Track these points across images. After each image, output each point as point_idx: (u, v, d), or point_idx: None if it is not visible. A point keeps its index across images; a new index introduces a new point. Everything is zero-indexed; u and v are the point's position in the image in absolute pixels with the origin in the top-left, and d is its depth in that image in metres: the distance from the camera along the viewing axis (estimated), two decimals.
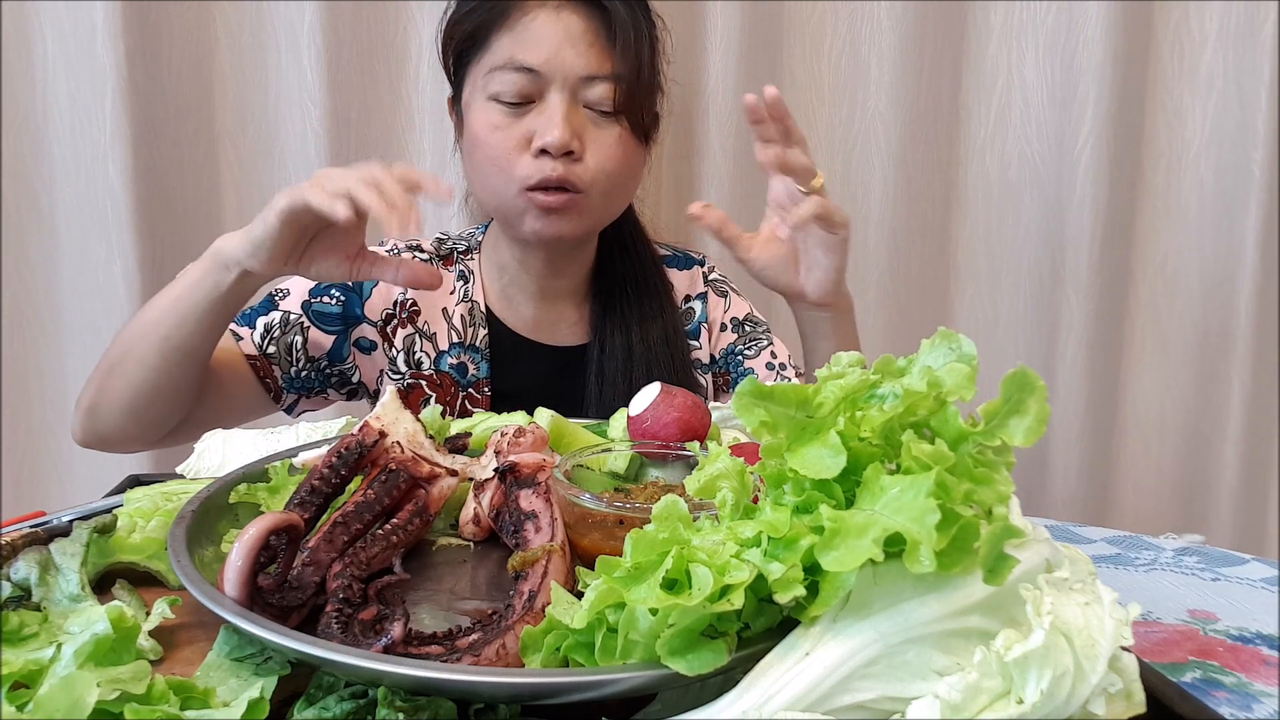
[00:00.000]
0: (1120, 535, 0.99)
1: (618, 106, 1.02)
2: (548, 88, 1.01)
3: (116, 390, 0.94)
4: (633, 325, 1.14)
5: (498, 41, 1.02)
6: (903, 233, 1.61)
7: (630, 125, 1.04)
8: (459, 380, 1.13)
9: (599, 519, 0.59)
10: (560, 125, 0.99)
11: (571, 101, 1.01)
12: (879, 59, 1.56)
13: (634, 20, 1.02)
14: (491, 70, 1.02)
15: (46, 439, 1.46)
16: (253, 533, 0.51)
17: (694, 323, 1.21)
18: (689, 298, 1.22)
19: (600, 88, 1.01)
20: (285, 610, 0.51)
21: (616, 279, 1.16)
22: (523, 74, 1.00)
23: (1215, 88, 1.60)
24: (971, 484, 0.42)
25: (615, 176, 1.05)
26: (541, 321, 1.17)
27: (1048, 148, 1.60)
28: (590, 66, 1.01)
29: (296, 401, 1.11)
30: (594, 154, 1.02)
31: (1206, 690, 0.67)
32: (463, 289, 1.15)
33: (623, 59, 1.01)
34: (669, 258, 1.24)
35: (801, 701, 0.40)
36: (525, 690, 0.43)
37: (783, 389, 0.46)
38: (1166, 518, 1.71)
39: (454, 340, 1.13)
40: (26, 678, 0.46)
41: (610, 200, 1.08)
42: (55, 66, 1.36)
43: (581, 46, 1.01)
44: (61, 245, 1.41)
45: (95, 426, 0.98)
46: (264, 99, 1.45)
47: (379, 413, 0.66)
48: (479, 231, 1.20)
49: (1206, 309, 1.65)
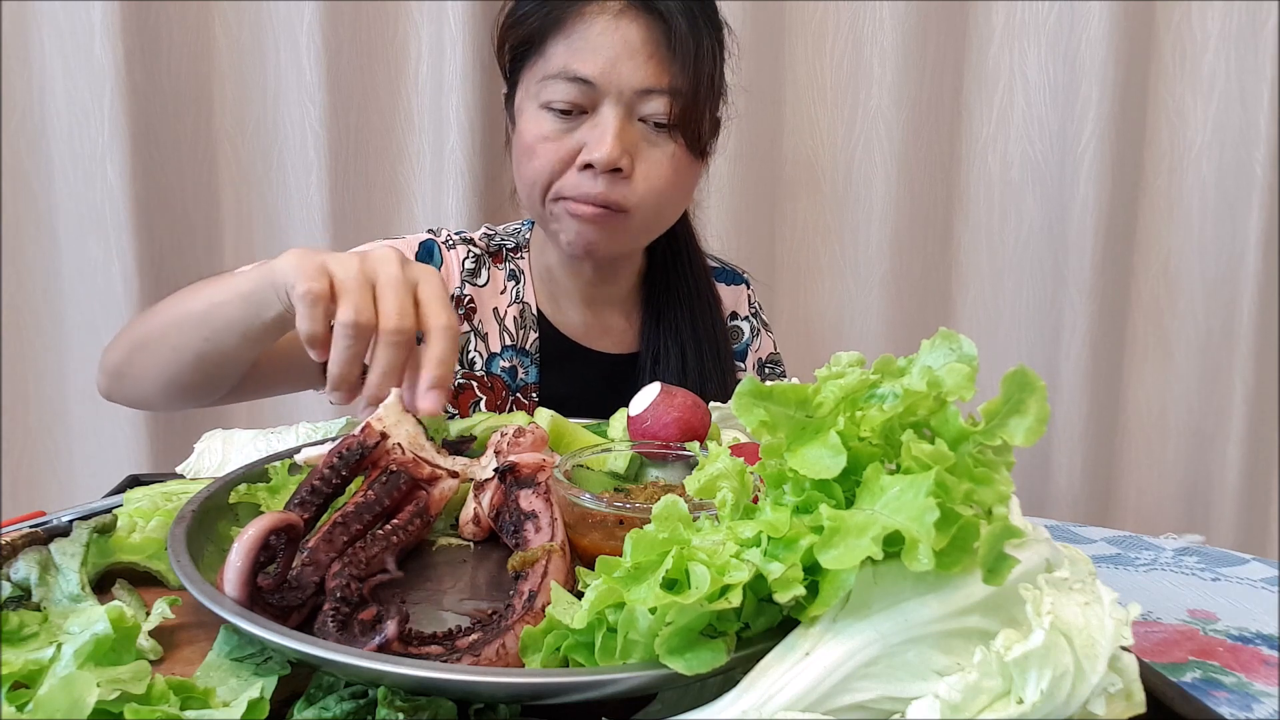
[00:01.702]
0: (1120, 535, 0.99)
1: (673, 121, 0.98)
2: (602, 100, 0.97)
3: (148, 367, 0.90)
4: (686, 337, 1.12)
5: (553, 48, 0.99)
6: (904, 232, 1.61)
7: (686, 141, 1.00)
8: (509, 384, 1.10)
9: (599, 519, 0.59)
10: (610, 143, 0.95)
11: (625, 116, 0.97)
12: (881, 58, 1.57)
13: (695, 31, 0.98)
14: (545, 78, 0.98)
15: (46, 439, 1.46)
16: (252, 533, 0.51)
17: (742, 344, 1.20)
18: (735, 315, 1.21)
19: (656, 102, 0.97)
20: (285, 610, 0.51)
21: (669, 288, 1.13)
22: (577, 84, 0.96)
23: (1217, 88, 1.60)
24: (971, 484, 0.42)
25: (664, 195, 1.01)
26: (591, 328, 1.14)
27: (1050, 147, 1.60)
28: (647, 80, 0.96)
29: None
30: (643, 172, 0.99)
31: (1206, 690, 0.67)
32: (514, 289, 1.12)
33: (681, 73, 0.97)
34: (715, 270, 1.21)
35: (801, 701, 0.40)
36: (525, 690, 0.43)
37: (783, 389, 0.46)
38: (1169, 518, 1.71)
39: (506, 343, 1.10)
40: (26, 678, 0.46)
41: (658, 218, 1.05)
42: (54, 66, 1.36)
43: (640, 59, 0.96)
44: (60, 245, 1.41)
45: (123, 391, 0.95)
46: (263, 99, 1.45)
47: (380, 414, 0.66)
48: (525, 228, 1.17)
49: (1208, 308, 1.65)
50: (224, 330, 0.83)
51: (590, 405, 0.86)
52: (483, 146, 1.46)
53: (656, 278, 1.15)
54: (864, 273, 1.62)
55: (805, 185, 1.62)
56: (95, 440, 1.45)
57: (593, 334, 1.14)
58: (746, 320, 1.22)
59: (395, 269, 0.71)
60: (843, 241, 1.63)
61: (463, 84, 1.42)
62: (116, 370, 0.94)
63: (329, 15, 1.40)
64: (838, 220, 1.62)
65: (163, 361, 0.89)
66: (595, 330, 1.14)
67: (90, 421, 1.44)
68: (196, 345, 0.85)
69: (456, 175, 1.46)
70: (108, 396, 0.98)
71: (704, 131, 1.02)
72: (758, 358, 1.23)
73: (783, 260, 1.64)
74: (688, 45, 0.97)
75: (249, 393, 1.02)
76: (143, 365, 0.90)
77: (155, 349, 0.89)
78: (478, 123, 1.44)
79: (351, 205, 1.48)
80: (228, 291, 0.81)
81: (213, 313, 0.83)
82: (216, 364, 0.87)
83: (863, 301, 1.64)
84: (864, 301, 1.64)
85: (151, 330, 0.90)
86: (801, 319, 1.65)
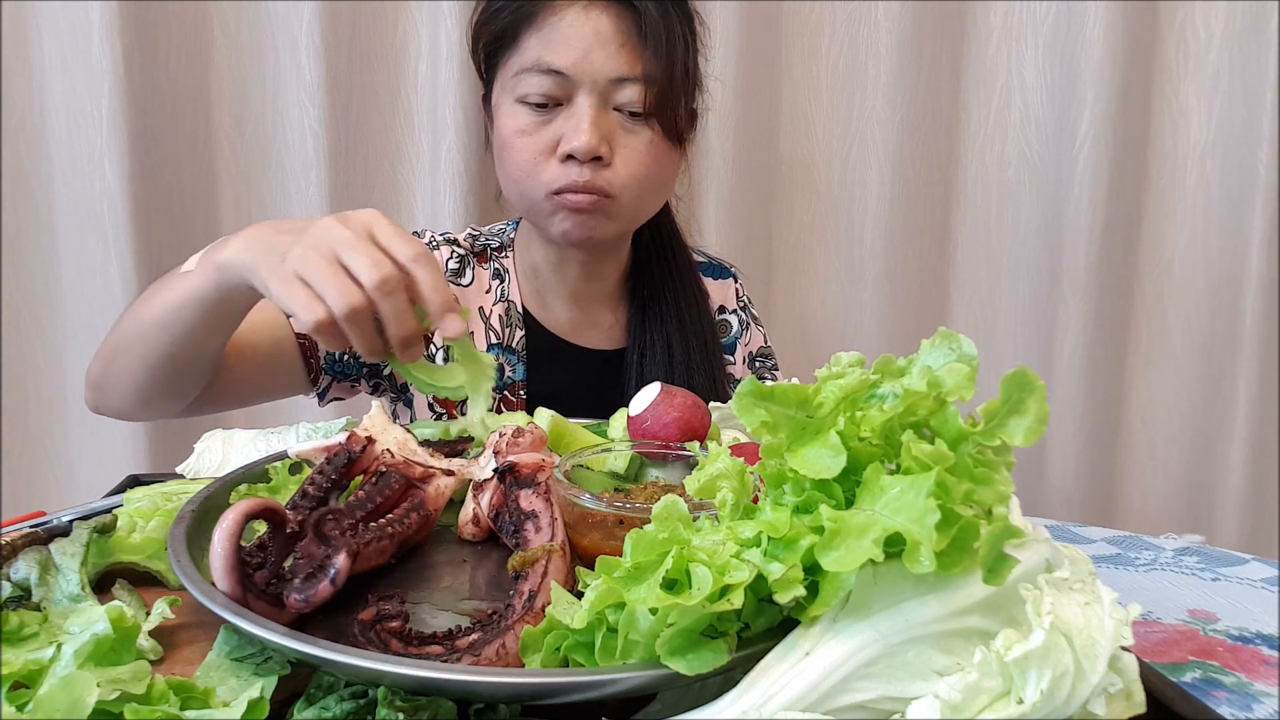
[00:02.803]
0: (1120, 535, 0.99)
1: (648, 109, 0.99)
2: (576, 91, 0.98)
3: (121, 376, 0.90)
4: (672, 329, 1.12)
5: (526, 42, 1.00)
6: (901, 233, 1.61)
7: (662, 128, 1.01)
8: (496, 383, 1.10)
9: (599, 519, 0.59)
10: (588, 130, 0.97)
11: (601, 105, 0.98)
12: (877, 59, 1.57)
13: (666, 19, 0.99)
14: (519, 72, 1.00)
15: (46, 439, 1.46)
16: (231, 518, 0.51)
17: (730, 338, 1.20)
18: (723, 309, 1.21)
19: (630, 90, 0.98)
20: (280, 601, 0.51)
21: (655, 282, 1.14)
22: (550, 76, 0.98)
23: (1220, 87, 1.60)
24: (971, 484, 0.42)
25: (646, 181, 1.02)
26: (578, 324, 1.15)
27: (1046, 148, 1.60)
28: (620, 68, 0.98)
29: (329, 386, 1.09)
30: (623, 159, 1.00)
31: (1206, 690, 0.67)
32: (499, 288, 1.13)
33: (654, 60, 0.98)
34: (702, 264, 1.22)
35: (801, 701, 0.40)
36: (525, 690, 0.43)
37: (783, 389, 0.46)
38: (1171, 518, 1.71)
39: (492, 341, 1.11)
40: (26, 678, 0.46)
41: (642, 204, 1.05)
42: (52, 66, 1.36)
43: (611, 48, 0.98)
44: (59, 246, 1.41)
45: (104, 402, 0.95)
46: (262, 99, 1.45)
47: (366, 424, 0.66)
48: (509, 228, 1.18)
49: (1212, 309, 1.65)
50: (186, 335, 0.84)
51: (579, 401, 0.86)
52: (479, 147, 1.46)
53: (641, 271, 1.16)
54: (860, 272, 1.63)
55: (801, 185, 1.62)
56: (95, 440, 1.45)
57: (579, 330, 1.15)
58: (735, 314, 1.22)
59: (343, 230, 0.70)
60: (838, 241, 1.63)
61: (459, 84, 1.42)
62: (97, 382, 0.94)
63: (328, 15, 1.40)
64: (833, 220, 1.63)
65: (134, 371, 0.89)
66: (582, 326, 1.15)
67: (90, 421, 1.44)
68: (162, 350, 0.86)
69: (453, 176, 1.46)
70: (94, 410, 0.98)
71: (680, 119, 1.03)
72: (748, 351, 1.23)
73: (778, 259, 1.64)
74: (659, 32, 0.98)
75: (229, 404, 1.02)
76: (117, 376, 0.91)
77: (125, 359, 0.89)
78: (474, 123, 1.44)
79: (350, 205, 1.47)
80: (182, 293, 0.82)
81: (171, 317, 0.83)
82: (186, 363, 0.88)
83: (858, 301, 1.64)
84: (860, 301, 1.64)
85: (120, 341, 0.90)
86: (797, 318, 1.65)
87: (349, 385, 1.11)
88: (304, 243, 0.70)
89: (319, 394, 1.09)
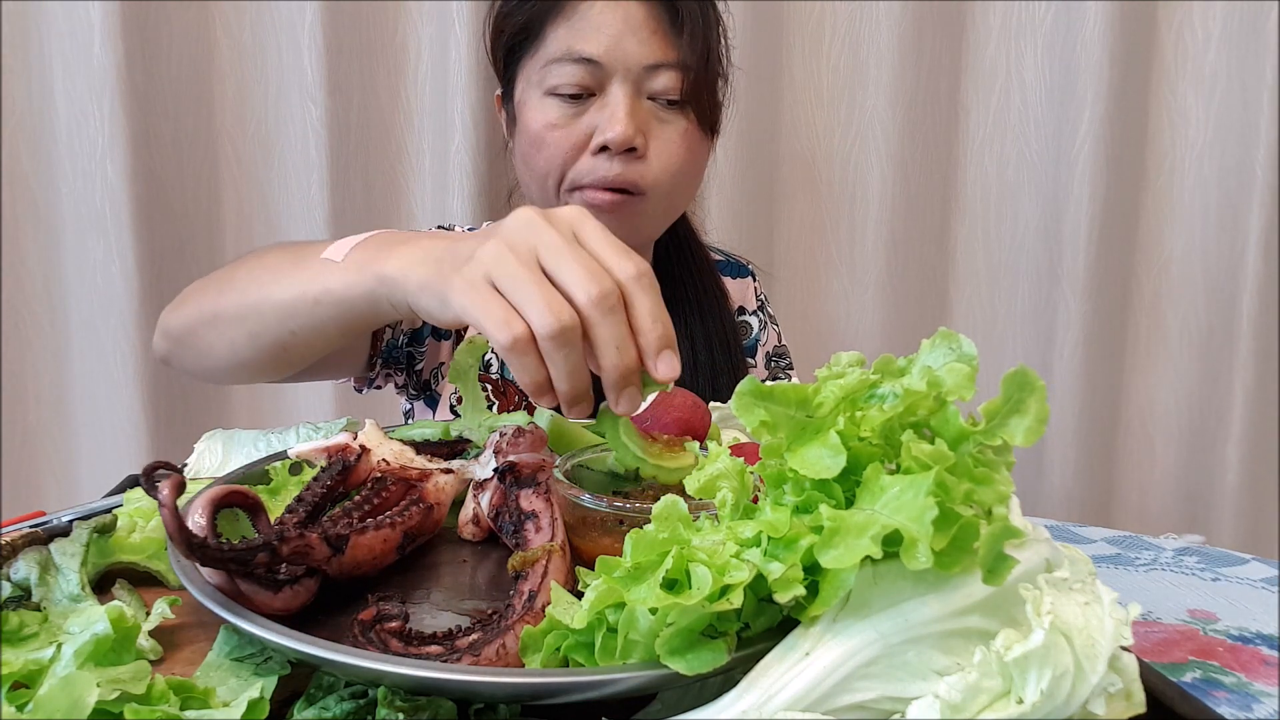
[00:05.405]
0: (1120, 535, 0.99)
1: (685, 96, 0.96)
2: (609, 80, 0.95)
3: (216, 345, 0.81)
4: (696, 331, 1.09)
5: (553, 33, 0.97)
6: (901, 233, 1.62)
7: (697, 116, 0.98)
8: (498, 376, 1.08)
9: (599, 519, 0.59)
10: (624, 120, 0.93)
11: (634, 93, 0.95)
12: (878, 59, 1.57)
13: (700, 3, 0.97)
14: (548, 64, 0.96)
15: (46, 439, 1.46)
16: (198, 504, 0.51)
17: (750, 339, 1.18)
18: (743, 310, 1.19)
19: (665, 77, 0.95)
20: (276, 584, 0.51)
21: (674, 282, 1.11)
22: (582, 65, 0.94)
23: (1218, 87, 1.60)
24: (971, 484, 0.42)
25: (680, 174, 0.99)
26: None
27: (1046, 147, 1.61)
28: (654, 55, 0.95)
29: (377, 375, 1.05)
30: (658, 150, 0.97)
31: (1206, 690, 0.67)
32: None
33: (689, 46, 0.95)
34: (720, 263, 1.20)
35: (801, 701, 0.40)
36: (525, 690, 0.43)
37: (783, 388, 0.46)
38: (1169, 518, 1.71)
39: None
40: (26, 678, 0.46)
41: (672, 201, 1.03)
42: (54, 66, 1.36)
43: (644, 34, 0.95)
44: (60, 245, 1.41)
45: (183, 361, 0.87)
46: (264, 99, 1.45)
47: (361, 439, 0.66)
48: None
49: (1209, 309, 1.66)
50: (313, 331, 0.74)
51: None
52: (487, 147, 1.46)
53: (662, 275, 1.14)
54: (860, 272, 1.63)
55: (802, 185, 1.62)
56: (95, 440, 1.45)
57: None
58: (755, 315, 1.20)
59: (550, 234, 0.57)
60: (839, 240, 1.63)
61: (468, 83, 1.42)
62: (179, 338, 0.85)
63: (330, 15, 1.40)
64: (834, 219, 1.63)
65: (237, 346, 0.79)
66: None
67: (90, 421, 1.44)
68: (279, 337, 0.76)
69: (462, 176, 1.46)
70: (165, 361, 0.90)
71: (714, 106, 1.00)
72: (765, 351, 1.21)
73: (779, 258, 1.64)
74: (695, 17, 0.96)
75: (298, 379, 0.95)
76: (210, 342, 0.81)
77: (228, 330, 0.79)
78: (483, 123, 1.44)
79: (352, 205, 1.48)
80: (320, 288, 0.70)
81: (302, 309, 0.72)
82: (300, 355, 0.79)
83: (858, 300, 1.64)
84: (860, 300, 1.64)
85: (225, 307, 0.80)
86: (798, 317, 1.65)
87: (388, 377, 1.07)
88: (497, 241, 0.58)
89: (367, 380, 1.05)
